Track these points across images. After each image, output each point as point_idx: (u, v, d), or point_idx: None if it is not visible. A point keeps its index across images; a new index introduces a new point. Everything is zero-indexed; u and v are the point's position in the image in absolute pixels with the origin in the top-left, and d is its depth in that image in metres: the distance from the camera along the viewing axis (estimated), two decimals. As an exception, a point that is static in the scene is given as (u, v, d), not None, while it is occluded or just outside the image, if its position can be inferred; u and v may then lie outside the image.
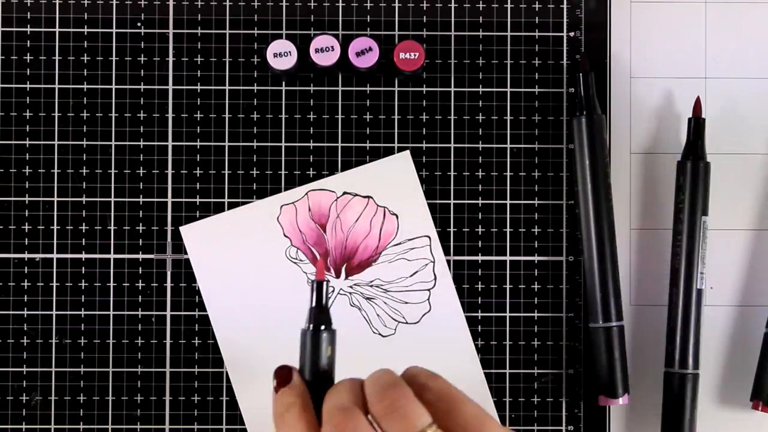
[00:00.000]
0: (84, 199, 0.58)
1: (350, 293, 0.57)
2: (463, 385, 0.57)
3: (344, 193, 0.58)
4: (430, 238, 0.57)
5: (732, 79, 0.59)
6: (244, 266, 0.57)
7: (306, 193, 0.58)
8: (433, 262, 0.57)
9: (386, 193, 0.58)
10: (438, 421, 0.39)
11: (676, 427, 0.56)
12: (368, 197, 0.57)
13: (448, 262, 0.58)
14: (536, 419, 0.58)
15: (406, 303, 0.57)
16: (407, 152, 0.58)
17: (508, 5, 0.59)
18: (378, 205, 0.57)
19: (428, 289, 0.57)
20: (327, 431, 0.39)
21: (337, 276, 0.57)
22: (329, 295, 0.57)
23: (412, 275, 0.57)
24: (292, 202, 0.58)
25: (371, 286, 0.57)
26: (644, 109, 0.59)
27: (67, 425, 0.57)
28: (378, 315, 0.57)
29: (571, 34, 0.59)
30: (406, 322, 0.57)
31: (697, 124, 0.57)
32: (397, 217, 0.57)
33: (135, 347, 0.58)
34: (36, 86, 0.58)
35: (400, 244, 0.57)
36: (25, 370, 0.57)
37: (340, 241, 0.57)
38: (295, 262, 0.57)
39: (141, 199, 0.58)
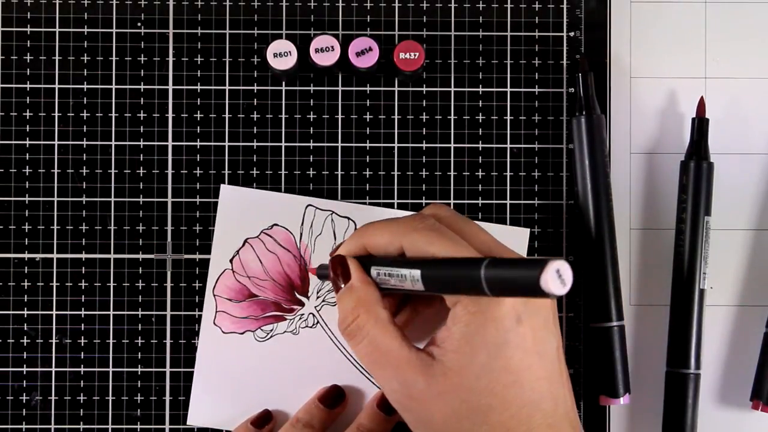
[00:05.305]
0: (84, 199, 0.58)
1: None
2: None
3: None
4: None
5: (732, 79, 0.59)
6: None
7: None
8: None
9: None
10: None
11: (678, 427, 0.56)
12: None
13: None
14: (536, 419, 0.58)
15: None
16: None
17: (508, 5, 0.59)
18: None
19: None
20: None
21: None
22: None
23: None
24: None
25: None
26: (644, 109, 0.59)
27: (67, 425, 0.57)
28: None
29: (571, 34, 0.59)
30: None
31: (700, 124, 0.57)
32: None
33: (135, 347, 0.58)
34: (36, 86, 0.58)
35: None
36: (25, 370, 0.57)
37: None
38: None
39: (141, 199, 0.58)
